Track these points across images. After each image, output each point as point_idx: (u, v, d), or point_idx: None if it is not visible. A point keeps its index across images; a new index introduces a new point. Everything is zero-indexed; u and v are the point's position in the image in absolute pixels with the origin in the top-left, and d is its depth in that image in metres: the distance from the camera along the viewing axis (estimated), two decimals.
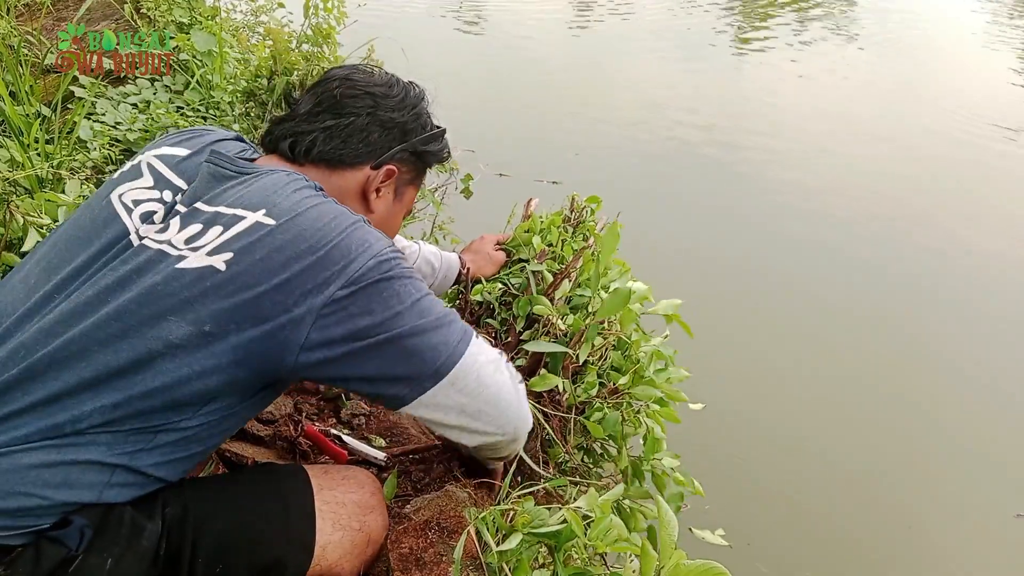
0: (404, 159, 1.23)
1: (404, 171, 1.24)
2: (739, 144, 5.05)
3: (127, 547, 0.92)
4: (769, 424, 2.78)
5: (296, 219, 0.96)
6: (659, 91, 5.96)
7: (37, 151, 2.27)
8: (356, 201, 1.19)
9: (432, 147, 1.27)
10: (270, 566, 1.04)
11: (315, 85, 1.23)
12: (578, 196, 1.94)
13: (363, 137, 1.17)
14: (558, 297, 1.61)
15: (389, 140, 1.20)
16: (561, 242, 1.76)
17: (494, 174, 4.04)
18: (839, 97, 6.12)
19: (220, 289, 0.91)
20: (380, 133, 1.19)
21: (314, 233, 0.95)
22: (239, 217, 0.96)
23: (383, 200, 1.22)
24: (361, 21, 3.53)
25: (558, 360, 1.52)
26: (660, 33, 7.47)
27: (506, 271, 1.77)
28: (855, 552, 2.37)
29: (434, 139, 1.27)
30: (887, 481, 2.62)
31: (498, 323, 1.65)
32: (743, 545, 2.27)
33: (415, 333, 0.97)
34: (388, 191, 1.23)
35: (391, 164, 1.20)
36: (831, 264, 3.85)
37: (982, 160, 5.08)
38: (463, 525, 1.18)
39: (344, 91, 1.19)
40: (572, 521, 1.08)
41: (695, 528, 1.49)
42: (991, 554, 2.40)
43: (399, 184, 1.24)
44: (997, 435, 2.84)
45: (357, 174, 1.18)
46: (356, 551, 1.14)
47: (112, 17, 3.34)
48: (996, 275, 3.84)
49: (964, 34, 8.36)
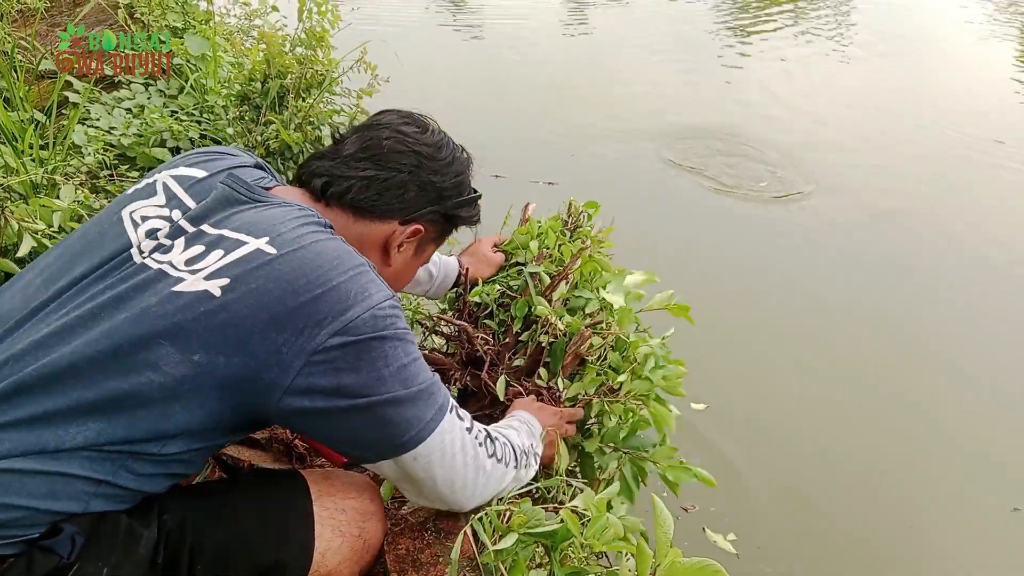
0: (433, 219, 1.23)
1: (430, 230, 1.24)
2: (736, 142, 5.05)
3: (123, 555, 0.91)
4: (769, 424, 2.78)
5: (298, 252, 0.94)
6: (656, 90, 5.97)
7: (31, 157, 2.27)
8: (376, 252, 1.18)
9: (463, 212, 1.27)
10: (269, 571, 1.04)
11: (365, 128, 1.21)
12: (576, 201, 1.95)
13: (399, 194, 1.16)
14: (556, 298, 1.62)
15: (424, 200, 1.19)
16: (558, 245, 1.76)
17: (490, 175, 4.04)
18: (837, 92, 6.13)
19: (213, 316, 0.89)
20: (417, 192, 1.18)
21: (314, 269, 0.93)
22: (241, 242, 0.95)
23: (403, 255, 1.22)
24: (355, 25, 3.53)
25: (557, 360, 1.52)
26: (656, 30, 7.48)
27: (504, 274, 1.78)
28: (857, 551, 2.36)
29: (468, 204, 1.27)
30: (888, 480, 2.62)
31: (496, 324, 1.66)
32: (753, 548, 2.26)
33: (392, 403, 0.96)
34: (410, 248, 1.23)
35: (419, 223, 1.19)
36: (830, 263, 3.85)
37: (980, 159, 5.09)
38: (460, 526, 1.18)
39: (392, 144, 1.17)
40: (568, 520, 1.08)
41: (709, 529, 1.49)
42: (990, 549, 2.41)
43: (422, 242, 1.25)
44: (996, 433, 2.84)
45: (384, 227, 1.17)
46: (355, 557, 1.14)
47: (106, 22, 3.34)
48: (997, 272, 3.85)
49: (962, 28, 8.38)
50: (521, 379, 1.54)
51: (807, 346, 3.25)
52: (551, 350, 1.54)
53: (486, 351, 1.56)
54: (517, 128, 5.13)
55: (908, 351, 3.25)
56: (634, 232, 3.47)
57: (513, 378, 1.54)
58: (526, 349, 1.58)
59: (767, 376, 3.05)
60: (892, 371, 3.13)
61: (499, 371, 1.54)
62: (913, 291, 3.66)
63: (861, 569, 2.33)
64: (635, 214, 3.93)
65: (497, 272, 1.78)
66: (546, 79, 6.12)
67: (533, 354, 1.56)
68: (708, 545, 1.44)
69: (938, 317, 3.47)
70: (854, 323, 3.41)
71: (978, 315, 3.51)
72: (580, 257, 1.68)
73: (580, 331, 1.51)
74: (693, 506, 2.30)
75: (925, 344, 3.30)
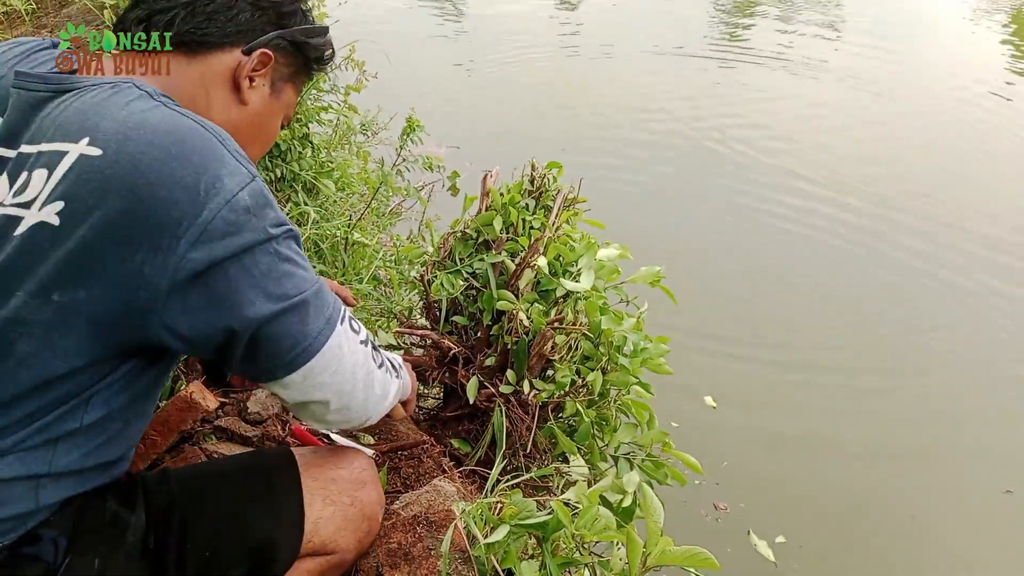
0: (282, 48, 1.06)
1: (282, 62, 1.07)
2: (730, 135, 5.05)
3: (112, 544, 0.91)
4: (772, 419, 2.80)
5: (128, 145, 0.80)
6: (648, 84, 5.96)
7: None
8: (225, 90, 1.01)
9: (314, 40, 1.11)
10: (262, 546, 1.03)
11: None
12: (537, 162, 1.81)
13: (231, 16, 1.00)
14: (523, 286, 1.53)
15: (262, 21, 1.03)
16: (521, 221, 1.65)
17: (481, 171, 4.02)
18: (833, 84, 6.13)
19: (56, 247, 0.78)
20: (251, 12, 1.02)
21: (151, 163, 0.79)
22: (61, 152, 0.81)
23: (257, 91, 1.04)
24: (343, 20, 3.52)
25: (522, 362, 1.48)
26: (649, 24, 7.47)
27: (471, 257, 1.66)
28: (861, 544, 2.39)
29: (316, 33, 1.11)
30: (890, 473, 2.64)
31: (466, 318, 1.62)
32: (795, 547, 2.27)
33: (270, 321, 0.86)
34: (263, 82, 1.05)
35: (266, 49, 1.03)
36: (828, 254, 3.87)
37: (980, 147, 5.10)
38: (451, 519, 1.18)
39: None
40: (559, 512, 1.08)
41: (754, 534, 1.48)
42: (985, 530, 2.45)
43: (276, 78, 1.07)
44: (988, 417, 2.88)
45: (225, 57, 1.00)
46: (351, 526, 1.13)
47: (92, 22, 3.32)
48: (988, 257, 3.87)
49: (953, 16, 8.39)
50: (495, 377, 1.51)
51: (806, 339, 3.26)
52: (515, 351, 1.49)
53: (458, 352, 1.54)
54: (507, 124, 5.12)
55: (909, 345, 3.26)
56: (625, 225, 3.48)
57: (486, 377, 1.52)
58: (497, 345, 1.53)
59: (762, 368, 3.06)
60: (887, 359, 3.16)
61: (471, 371, 1.52)
62: (906, 277, 3.68)
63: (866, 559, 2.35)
64: (625, 208, 3.94)
65: None
66: (535, 73, 6.10)
67: (502, 352, 1.53)
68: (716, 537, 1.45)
69: (936, 309, 3.49)
70: (850, 311, 3.43)
71: (978, 305, 3.52)
72: (542, 241, 1.57)
73: (541, 332, 1.44)
74: (724, 506, 2.33)
75: (927, 338, 3.31)
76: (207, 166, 0.82)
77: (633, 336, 1.47)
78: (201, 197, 0.80)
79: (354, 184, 2.99)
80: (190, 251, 0.79)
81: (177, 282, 0.80)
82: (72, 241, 0.78)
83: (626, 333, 1.46)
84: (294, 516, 1.06)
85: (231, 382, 1.73)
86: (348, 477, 1.14)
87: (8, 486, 0.83)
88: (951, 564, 2.35)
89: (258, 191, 0.85)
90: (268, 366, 0.91)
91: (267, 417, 1.61)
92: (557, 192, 1.72)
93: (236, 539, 1.01)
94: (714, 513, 2.33)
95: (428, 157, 2.94)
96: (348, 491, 1.13)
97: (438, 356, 1.58)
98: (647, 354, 1.48)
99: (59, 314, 0.80)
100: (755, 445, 2.67)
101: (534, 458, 1.53)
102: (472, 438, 1.60)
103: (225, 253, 0.81)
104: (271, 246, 0.86)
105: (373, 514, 1.17)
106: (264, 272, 0.85)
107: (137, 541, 0.93)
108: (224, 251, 0.81)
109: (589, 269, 1.53)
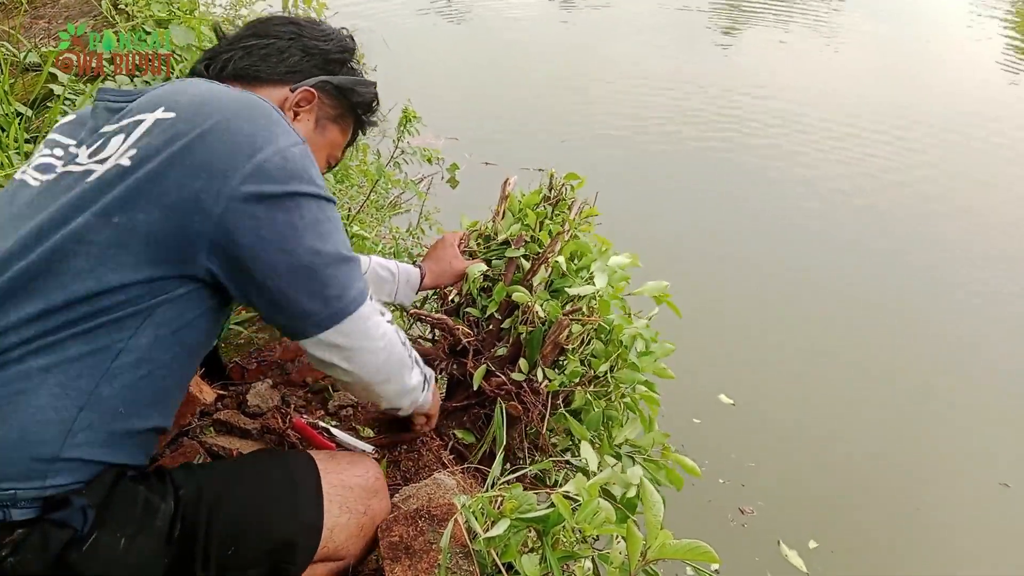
0: (327, 90, 1.19)
1: (327, 103, 1.20)
2: (731, 129, 5.05)
3: (140, 527, 0.92)
4: (775, 415, 2.81)
5: (201, 108, 0.92)
6: (647, 76, 5.94)
7: (16, 150, 2.25)
8: None
9: (359, 88, 1.23)
10: (282, 547, 1.04)
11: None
12: (555, 173, 1.88)
13: (282, 58, 1.14)
14: (536, 283, 1.59)
15: (310, 65, 1.17)
16: (539, 223, 1.71)
17: (480, 163, 4.03)
18: (831, 76, 6.12)
19: (124, 179, 0.88)
20: (301, 56, 1.16)
21: (217, 111, 0.92)
22: (139, 121, 0.93)
23: (302, 125, 1.16)
24: (342, 12, 3.50)
25: (535, 350, 1.50)
26: (647, 17, 7.44)
27: (486, 252, 1.72)
28: (863, 536, 2.40)
29: (361, 83, 1.23)
30: (892, 466, 2.66)
31: (479, 311, 1.64)
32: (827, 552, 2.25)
33: (316, 259, 0.95)
34: (307, 117, 1.17)
35: (311, 89, 1.15)
36: (832, 250, 3.87)
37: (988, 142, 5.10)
38: (452, 513, 1.18)
39: (271, 18, 1.20)
40: (560, 505, 1.08)
41: (784, 543, 1.47)
42: (982, 522, 2.47)
43: (320, 116, 1.19)
44: (987, 412, 2.89)
45: (274, 91, 1.13)
46: (362, 534, 1.16)
47: (90, 14, 3.30)
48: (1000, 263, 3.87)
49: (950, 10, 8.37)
50: (505, 367, 1.52)
51: (806, 332, 3.28)
52: (529, 340, 1.51)
53: (469, 342, 1.55)
54: (506, 116, 5.11)
55: (914, 341, 3.27)
56: (625, 219, 3.47)
57: (497, 367, 1.52)
58: (509, 337, 1.56)
59: (766, 363, 3.07)
60: (891, 355, 3.17)
61: (482, 361, 1.53)
62: (908, 272, 3.68)
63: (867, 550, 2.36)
64: (625, 201, 3.93)
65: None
66: (534, 66, 6.08)
67: (515, 343, 1.54)
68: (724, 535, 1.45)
69: (942, 305, 3.50)
70: (857, 312, 3.43)
71: (984, 301, 3.53)
72: (559, 240, 1.63)
73: (558, 320, 1.48)
74: (751, 509, 2.32)
75: (933, 333, 3.33)
76: (267, 124, 0.93)
77: (646, 332, 1.52)
78: (258, 143, 0.91)
79: (353, 176, 2.98)
80: (243, 184, 0.89)
81: (229, 211, 0.88)
82: (140, 172, 0.88)
83: (639, 330, 1.51)
84: (314, 520, 1.08)
85: (230, 375, 1.73)
86: (364, 486, 1.17)
87: (42, 413, 0.84)
88: None
89: (307, 153, 0.97)
90: (311, 314, 0.98)
91: (266, 410, 1.61)
92: (573, 202, 1.80)
93: (259, 537, 1.03)
94: (740, 518, 2.32)
95: (426, 149, 2.93)
96: (363, 499, 1.16)
97: (450, 344, 1.59)
98: (654, 356, 1.51)
99: (118, 234, 0.87)
100: (780, 445, 2.66)
101: (534, 455, 1.54)
102: (477, 428, 1.60)
103: (275, 191, 0.91)
104: (317, 202, 0.96)
105: (380, 523, 1.20)
106: (310, 222, 0.94)
107: (164, 527, 0.94)
108: (274, 190, 0.91)
109: (602, 272, 1.58)
